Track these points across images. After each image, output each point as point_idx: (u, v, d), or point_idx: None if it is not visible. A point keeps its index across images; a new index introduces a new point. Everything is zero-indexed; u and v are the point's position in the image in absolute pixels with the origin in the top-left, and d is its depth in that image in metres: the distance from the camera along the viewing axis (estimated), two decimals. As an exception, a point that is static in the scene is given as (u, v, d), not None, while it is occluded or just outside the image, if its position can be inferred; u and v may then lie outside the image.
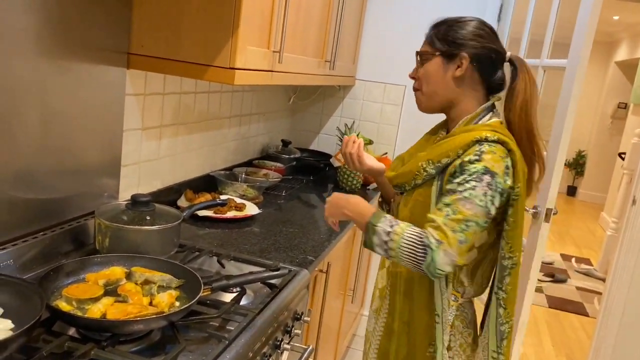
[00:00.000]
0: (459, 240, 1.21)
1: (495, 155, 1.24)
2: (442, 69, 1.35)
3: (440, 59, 1.36)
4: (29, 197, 1.33)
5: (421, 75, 1.39)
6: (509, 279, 1.32)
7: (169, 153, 1.96)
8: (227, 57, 1.51)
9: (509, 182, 1.26)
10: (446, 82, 1.36)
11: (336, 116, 3.16)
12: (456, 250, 1.21)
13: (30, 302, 1.01)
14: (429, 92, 1.38)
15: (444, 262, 1.20)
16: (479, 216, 1.23)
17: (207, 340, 1.14)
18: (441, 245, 1.20)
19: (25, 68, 1.25)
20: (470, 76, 1.35)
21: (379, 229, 1.27)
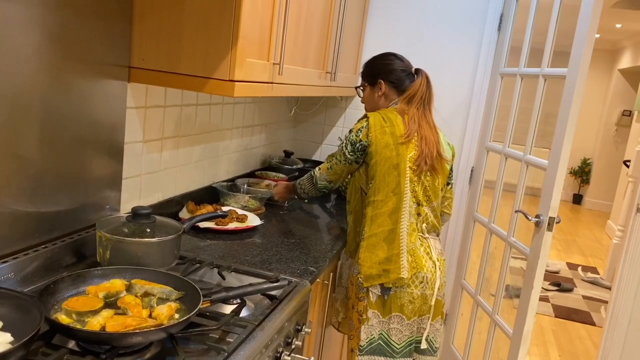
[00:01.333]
0: (327, 167, 2.03)
1: (357, 124, 1.96)
2: (371, 92, 2.09)
3: (370, 87, 2.09)
4: (31, 210, 1.34)
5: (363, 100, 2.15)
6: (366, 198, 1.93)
7: (171, 165, 1.97)
8: (226, 69, 1.52)
9: (360, 136, 1.91)
10: (374, 100, 2.08)
11: (338, 126, 3.17)
12: (325, 173, 2.04)
13: (29, 315, 1.01)
14: (368, 108, 2.12)
15: (320, 179, 2.06)
16: (336, 154, 1.99)
17: (207, 352, 1.14)
18: (318, 171, 2.07)
19: (27, 83, 1.26)
20: (388, 91, 2.04)
21: (296, 184, 2.19)
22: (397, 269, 1.85)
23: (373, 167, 1.89)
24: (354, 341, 1.93)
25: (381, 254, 1.86)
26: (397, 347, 1.88)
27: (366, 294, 1.87)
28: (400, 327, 1.87)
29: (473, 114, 2.91)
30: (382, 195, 1.87)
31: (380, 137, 1.88)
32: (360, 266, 1.88)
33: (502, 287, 2.53)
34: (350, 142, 1.93)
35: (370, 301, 1.87)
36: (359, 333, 1.89)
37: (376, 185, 1.88)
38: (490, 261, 2.84)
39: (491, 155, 2.81)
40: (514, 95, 2.54)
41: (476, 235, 2.91)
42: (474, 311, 2.80)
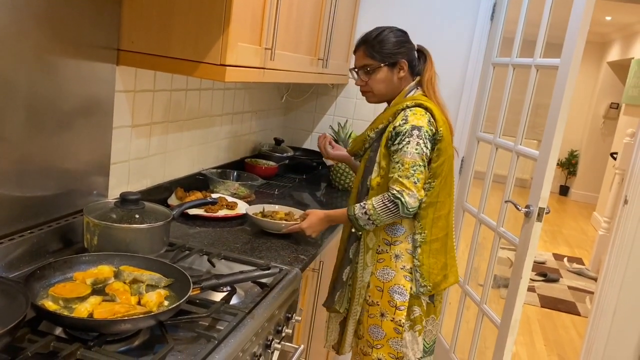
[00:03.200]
0: (413, 182, 1.64)
1: (416, 115, 1.67)
2: (390, 74, 1.77)
3: (387, 68, 1.76)
4: (16, 194, 1.31)
5: (371, 83, 1.78)
6: (426, 199, 1.71)
7: (159, 151, 1.94)
8: (218, 53, 1.50)
9: (433, 129, 1.68)
10: (393, 83, 1.78)
11: (329, 115, 3.15)
12: (415, 189, 1.64)
13: (15, 302, 0.99)
14: (381, 92, 1.80)
15: (412, 202, 1.63)
16: (419, 160, 1.64)
17: (196, 340, 1.12)
18: (404, 193, 1.63)
19: (11, 65, 1.22)
20: (406, 73, 1.78)
21: (357, 213, 1.70)
22: (455, 273, 1.83)
23: (440, 165, 1.70)
24: (382, 350, 1.77)
25: (442, 259, 1.76)
26: (427, 346, 1.84)
27: (418, 303, 1.75)
28: (432, 327, 1.84)
29: (464, 103, 2.90)
30: (443, 196, 1.74)
31: (445, 132, 1.71)
32: (429, 273, 1.73)
33: (491, 276, 2.54)
34: (429, 139, 1.66)
35: (424, 310, 1.77)
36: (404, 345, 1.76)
37: (441, 186, 1.72)
38: (478, 251, 2.85)
39: (481, 145, 2.81)
40: (506, 85, 2.54)
41: (465, 225, 2.92)
42: (462, 300, 2.81)
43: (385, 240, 1.75)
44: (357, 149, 1.86)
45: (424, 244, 1.73)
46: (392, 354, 1.76)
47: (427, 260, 1.73)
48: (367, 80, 1.78)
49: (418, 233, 1.73)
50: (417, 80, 1.79)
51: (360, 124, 3.06)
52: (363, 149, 1.83)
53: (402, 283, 1.73)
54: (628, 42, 7.09)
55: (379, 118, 1.80)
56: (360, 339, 1.83)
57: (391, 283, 1.74)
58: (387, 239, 1.75)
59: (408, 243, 1.74)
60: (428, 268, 1.74)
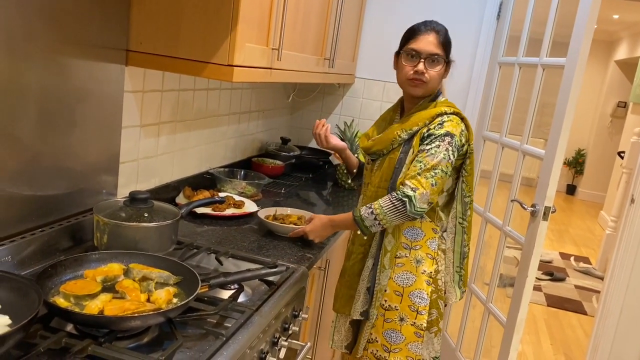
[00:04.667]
0: (431, 184, 1.61)
1: (453, 123, 1.66)
2: (443, 72, 1.74)
3: (444, 65, 1.73)
4: (28, 193, 1.33)
5: (431, 73, 1.70)
6: (470, 212, 1.78)
7: (168, 150, 1.96)
8: (225, 54, 1.51)
9: (463, 140, 1.68)
10: (440, 82, 1.75)
11: (336, 114, 3.16)
12: (429, 191, 1.60)
13: (27, 299, 1.01)
14: (433, 87, 1.73)
15: (422, 202, 1.60)
16: (443, 165, 1.62)
17: (205, 337, 1.14)
18: (417, 190, 1.60)
19: (22, 66, 1.25)
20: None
21: (364, 215, 1.66)
22: (466, 274, 1.87)
23: (472, 180, 1.76)
24: (401, 354, 1.74)
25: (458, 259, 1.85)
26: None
27: (436, 306, 1.76)
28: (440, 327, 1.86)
29: (471, 102, 2.91)
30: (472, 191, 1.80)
31: (475, 147, 1.76)
32: (465, 279, 1.85)
33: (497, 275, 2.55)
34: (457, 149, 1.65)
35: (441, 312, 1.78)
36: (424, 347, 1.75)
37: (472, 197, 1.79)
38: (484, 250, 2.86)
39: (487, 144, 2.81)
40: (512, 85, 2.54)
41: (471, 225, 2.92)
42: (468, 299, 2.82)
43: (405, 244, 1.73)
44: (381, 148, 1.75)
45: (468, 254, 1.83)
46: (410, 357, 1.74)
47: (467, 268, 1.86)
48: (430, 70, 1.68)
49: (466, 245, 1.82)
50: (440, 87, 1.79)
51: (366, 123, 3.07)
52: (390, 148, 1.73)
53: (423, 287, 1.71)
54: (636, 41, 7.05)
55: (413, 118, 1.71)
56: (372, 343, 1.79)
57: (412, 288, 1.72)
58: (406, 243, 1.73)
59: (428, 247, 1.73)
60: (466, 274, 1.87)
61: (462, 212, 1.80)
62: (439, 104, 1.73)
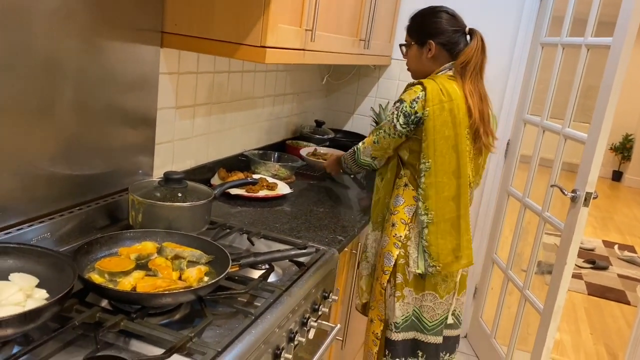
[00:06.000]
0: (373, 141, 1.85)
1: (410, 91, 1.76)
2: (419, 53, 1.85)
3: (416, 47, 1.85)
4: (67, 173, 1.37)
5: (407, 59, 1.91)
6: (424, 179, 1.75)
7: (203, 132, 1.99)
8: (258, 35, 1.51)
9: (415, 107, 1.73)
10: (422, 62, 1.85)
11: (371, 96, 3.13)
12: (371, 147, 1.86)
13: (64, 274, 1.04)
14: (413, 70, 1.90)
15: (364, 154, 1.89)
16: (386, 127, 1.79)
17: (234, 315, 1.16)
18: (362, 145, 1.90)
19: (61, 47, 1.27)
20: (439, 54, 1.81)
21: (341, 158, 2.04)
22: (469, 256, 1.81)
23: (430, 145, 1.72)
24: (374, 312, 1.91)
25: (453, 241, 1.78)
26: (429, 324, 1.86)
27: (402, 271, 1.81)
28: (433, 305, 1.85)
29: (511, 85, 2.82)
30: (444, 177, 1.74)
31: (439, 113, 1.70)
32: (437, 254, 1.76)
33: (534, 262, 2.49)
34: (404, 114, 1.73)
35: (406, 279, 1.82)
36: (388, 308, 1.86)
37: (437, 166, 1.73)
38: (522, 236, 2.80)
39: (528, 128, 2.73)
40: (555, 66, 2.45)
41: (509, 210, 2.86)
42: (504, 286, 2.77)
43: (390, 210, 1.86)
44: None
45: (431, 225, 1.76)
46: (379, 316, 1.90)
47: (436, 241, 1.77)
48: (405, 57, 1.92)
49: (424, 214, 1.76)
50: (459, 64, 1.77)
51: (402, 106, 3.03)
52: None
53: (391, 249, 1.82)
54: (691, 20, 6.68)
55: None
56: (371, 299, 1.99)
57: (385, 249, 1.85)
58: (390, 209, 1.86)
59: (404, 214, 1.81)
60: (437, 249, 1.77)
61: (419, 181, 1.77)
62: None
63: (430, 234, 1.76)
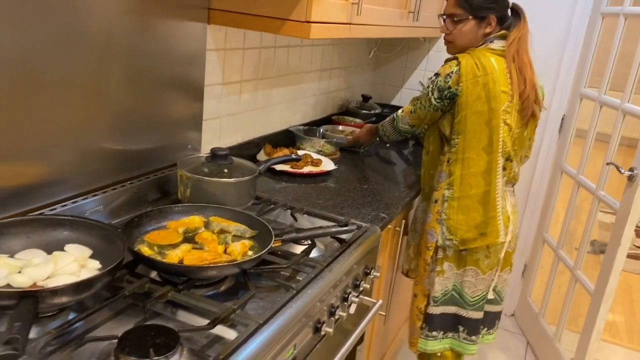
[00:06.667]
0: (410, 110, 1.90)
1: (445, 66, 1.77)
2: (475, 27, 1.78)
3: (475, 21, 1.77)
4: (119, 148, 1.42)
5: (456, 33, 1.80)
6: (452, 155, 1.78)
7: (249, 108, 2.01)
8: (303, 10, 1.50)
9: (449, 82, 1.73)
10: (476, 37, 1.79)
11: (420, 70, 3.07)
12: (408, 116, 1.92)
13: (115, 246, 1.10)
14: (462, 45, 1.81)
15: (402, 122, 1.95)
16: (422, 98, 1.83)
17: (277, 289, 1.18)
18: (400, 112, 1.96)
19: (113, 25, 1.31)
20: (494, 29, 1.78)
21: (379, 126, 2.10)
22: (495, 232, 1.78)
23: (461, 121, 1.73)
24: (418, 287, 1.93)
25: (477, 217, 1.77)
26: (470, 299, 1.86)
27: (442, 247, 1.82)
28: (474, 280, 1.84)
29: (568, 57, 2.70)
30: (473, 153, 1.74)
31: (472, 88, 1.70)
32: (455, 229, 1.78)
33: (587, 241, 2.41)
34: (438, 88, 1.75)
35: (446, 254, 1.83)
36: (429, 283, 1.87)
37: (466, 142, 1.74)
38: (575, 214, 2.71)
39: (584, 102, 2.62)
40: (616, 37, 2.32)
41: (562, 187, 2.77)
42: (555, 265, 2.70)
43: (433, 186, 1.87)
44: None
45: (452, 200, 1.79)
46: (423, 291, 1.92)
47: (455, 216, 1.79)
48: (452, 30, 1.81)
49: (447, 188, 1.80)
50: (499, 34, 1.77)
51: (452, 79, 2.96)
52: None
53: (434, 225, 1.83)
54: None
55: None
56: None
57: (427, 226, 1.86)
58: (434, 185, 1.87)
59: (444, 190, 1.81)
60: (455, 223, 1.79)
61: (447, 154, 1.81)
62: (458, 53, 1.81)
63: (449, 208, 1.79)
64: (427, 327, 1.90)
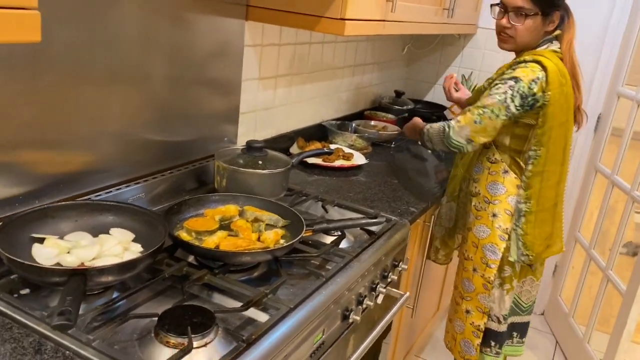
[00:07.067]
0: (473, 120, 1.61)
1: (527, 69, 1.58)
2: (540, 25, 1.63)
3: (541, 18, 1.62)
4: (160, 139, 1.50)
5: (519, 28, 1.63)
6: (531, 167, 1.66)
7: (284, 102, 2.06)
8: (338, 8, 1.54)
9: (534, 89, 1.56)
10: (538, 34, 1.65)
11: (454, 66, 3.07)
12: (470, 127, 1.61)
13: (156, 231, 1.16)
14: (523, 42, 1.65)
15: (459, 135, 1.63)
16: (495, 106, 1.58)
17: (307, 277, 1.24)
18: (457, 123, 1.63)
19: (156, 22, 1.38)
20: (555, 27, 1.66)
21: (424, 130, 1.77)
22: (559, 242, 1.77)
23: (546, 132, 1.60)
24: (471, 303, 1.83)
25: (548, 229, 1.73)
26: (525, 306, 1.86)
27: (511, 264, 1.74)
28: (530, 288, 1.84)
29: (606, 54, 2.66)
30: (552, 165, 1.65)
31: (558, 97, 1.58)
32: (532, 244, 1.70)
33: (620, 242, 2.39)
34: (520, 95, 1.56)
35: (515, 270, 1.76)
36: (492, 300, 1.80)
37: (549, 155, 1.63)
38: (609, 215, 2.68)
39: (622, 100, 2.58)
40: (655, 35, 2.28)
41: (596, 187, 2.74)
42: (586, 265, 2.68)
43: (485, 198, 1.75)
44: (472, 101, 1.79)
45: (529, 214, 1.68)
46: (479, 308, 1.81)
47: (532, 231, 1.70)
48: (515, 24, 1.63)
49: (523, 202, 1.69)
50: (555, 34, 1.66)
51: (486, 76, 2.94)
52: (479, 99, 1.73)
53: (496, 242, 1.72)
54: None
55: (500, 69, 1.72)
56: (455, 289, 1.93)
57: (485, 241, 1.75)
58: (487, 197, 1.74)
59: (508, 204, 1.70)
60: (532, 239, 1.70)
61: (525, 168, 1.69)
62: (527, 53, 1.65)
63: (527, 223, 1.69)
64: (497, 345, 1.86)
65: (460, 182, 1.91)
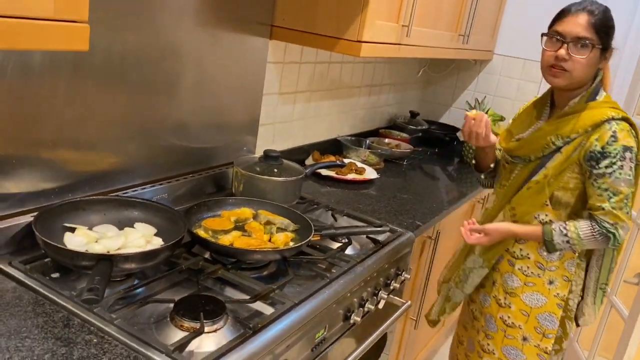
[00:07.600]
0: (626, 213, 1.44)
1: (625, 132, 1.42)
2: (597, 60, 1.46)
3: (599, 52, 1.45)
4: (184, 144, 1.61)
5: (576, 61, 1.43)
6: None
7: (301, 117, 2.17)
8: (355, 30, 1.65)
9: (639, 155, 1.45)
10: (594, 71, 1.48)
11: (470, 90, 3.15)
12: (628, 222, 1.45)
13: (176, 227, 1.27)
14: (579, 77, 1.46)
15: (624, 234, 1.45)
16: (632, 187, 1.44)
17: (313, 278, 1.33)
18: (618, 226, 1.44)
19: (186, 37, 1.50)
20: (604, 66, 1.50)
21: (556, 240, 1.49)
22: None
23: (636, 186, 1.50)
24: None
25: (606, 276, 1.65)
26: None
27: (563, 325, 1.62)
28: None
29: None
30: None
31: None
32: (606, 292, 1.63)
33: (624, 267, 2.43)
34: (636, 162, 1.45)
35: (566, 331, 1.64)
36: None
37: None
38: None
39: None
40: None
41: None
42: (592, 290, 2.71)
43: (539, 264, 1.58)
44: (529, 153, 1.54)
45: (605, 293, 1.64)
46: None
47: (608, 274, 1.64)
48: (575, 56, 1.43)
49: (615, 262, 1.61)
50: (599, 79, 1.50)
51: (500, 101, 3.03)
52: (540, 155, 1.52)
53: (554, 311, 1.59)
54: None
55: (571, 122, 1.47)
56: (488, 354, 1.70)
57: (541, 310, 1.59)
58: (541, 263, 1.58)
59: (565, 269, 1.57)
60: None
61: None
62: (601, 104, 1.47)
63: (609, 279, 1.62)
64: None
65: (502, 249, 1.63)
